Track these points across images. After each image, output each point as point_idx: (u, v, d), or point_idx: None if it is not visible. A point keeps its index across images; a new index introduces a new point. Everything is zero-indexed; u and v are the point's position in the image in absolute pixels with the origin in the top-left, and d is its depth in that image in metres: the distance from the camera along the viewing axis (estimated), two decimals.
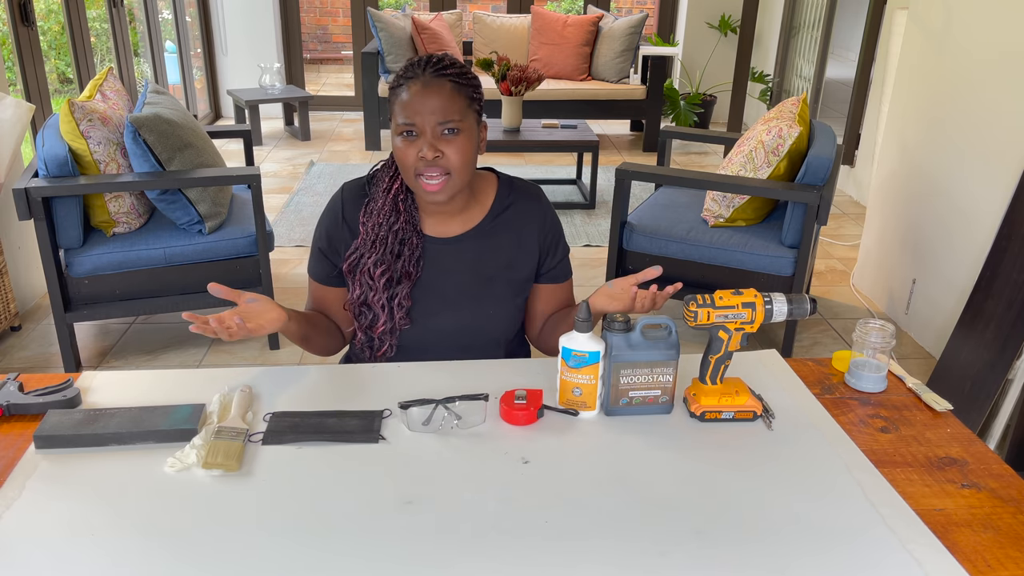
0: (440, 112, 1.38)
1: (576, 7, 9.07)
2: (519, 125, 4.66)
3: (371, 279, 1.49)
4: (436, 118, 1.38)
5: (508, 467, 1.18)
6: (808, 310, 1.29)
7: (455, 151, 1.40)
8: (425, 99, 1.38)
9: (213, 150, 3.01)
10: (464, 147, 1.41)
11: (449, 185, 1.42)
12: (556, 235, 1.61)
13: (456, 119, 1.40)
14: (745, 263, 2.89)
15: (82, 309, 2.75)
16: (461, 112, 1.41)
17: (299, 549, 1.01)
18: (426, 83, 1.39)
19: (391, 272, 1.48)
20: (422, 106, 1.38)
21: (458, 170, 1.42)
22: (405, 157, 1.41)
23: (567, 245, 1.64)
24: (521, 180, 1.61)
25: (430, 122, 1.38)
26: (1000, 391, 2.35)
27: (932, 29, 3.14)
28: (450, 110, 1.39)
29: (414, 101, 1.39)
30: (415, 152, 1.40)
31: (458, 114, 1.40)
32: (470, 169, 1.45)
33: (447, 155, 1.40)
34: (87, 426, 1.20)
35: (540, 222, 1.58)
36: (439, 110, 1.38)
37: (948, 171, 2.99)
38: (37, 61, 3.59)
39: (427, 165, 1.39)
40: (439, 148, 1.39)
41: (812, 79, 5.61)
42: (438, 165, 1.40)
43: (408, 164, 1.41)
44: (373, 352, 1.55)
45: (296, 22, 6.70)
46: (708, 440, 1.26)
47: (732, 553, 1.02)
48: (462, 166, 1.42)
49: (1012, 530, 1.08)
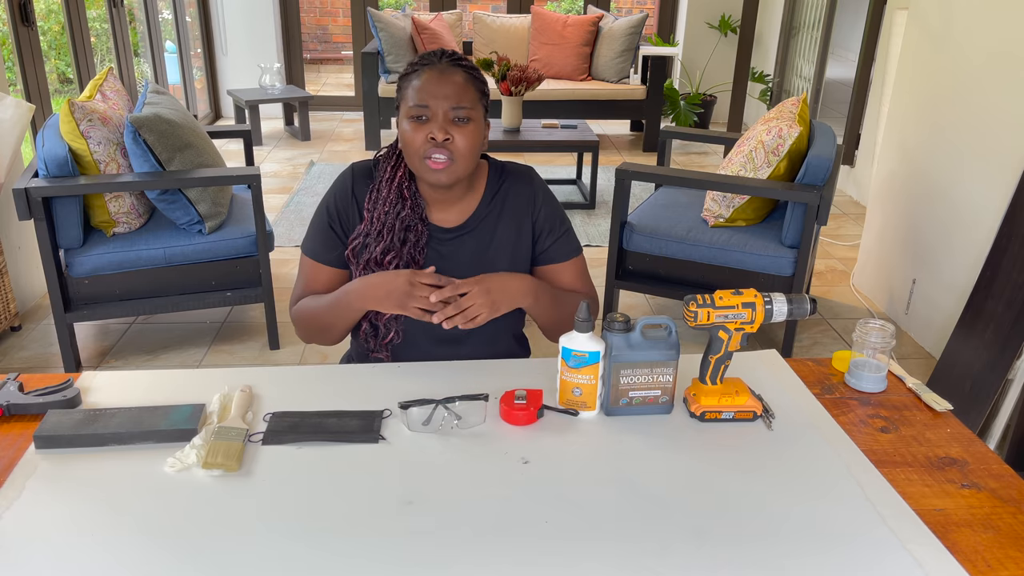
0: (454, 98, 1.42)
1: (576, 7, 9.07)
2: (519, 125, 4.66)
3: (379, 266, 1.49)
4: (450, 103, 1.42)
5: (508, 467, 1.18)
6: (808, 310, 1.29)
7: (464, 138, 1.43)
8: (440, 84, 1.42)
9: (213, 150, 3.01)
10: (473, 136, 1.44)
11: (452, 169, 1.44)
12: (550, 214, 1.59)
13: (468, 107, 1.43)
14: (745, 263, 2.89)
15: (82, 309, 2.75)
16: (472, 102, 1.44)
17: (299, 549, 1.01)
18: (442, 70, 1.43)
19: (399, 259, 1.49)
20: (437, 90, 1.42)
21: (464, 156, 1.43)
22: (413, 140, 1.43)
23: (567, 224, 1.61)
24: (513, 163, 1.61)
25: (443, 106, 1.41)
26: (1000, 391, 2.35)
27: (932, 29, 3.14)
28: (463, 98, 1.43)
29: (429, 85, 1.42)
30: (424, 134, 1.42)
31: (470, 103, 1.43)
32: (474, 159, 1.47)
33: (456, 140, 1.42)
34: (87, 426, 1.20)
35: (532, 200, 1.58)
36: (453, 96, 1.42)
37: (948, 171, 2.99)
38: (37, 61, 3.59)
39: (435, 147, 1.41)
40: (449, 132, 1.42)
41: (812, 79, 5.62)
42: (447, 148, 1.42)
43: (416, 147, 1.43)
44: (378, 341, 1.54)
45: (296, 22, 6.70)
46: (708, 440, 1.26)
47: (732, 553, 1.02)
48: (468, 154, 1.44)
49: (1012, 530, 1.08)
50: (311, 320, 1.56)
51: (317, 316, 1.54)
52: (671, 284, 3.02)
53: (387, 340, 1.53)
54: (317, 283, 1.58)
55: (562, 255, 1.60)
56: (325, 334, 1.57)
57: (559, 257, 1.60)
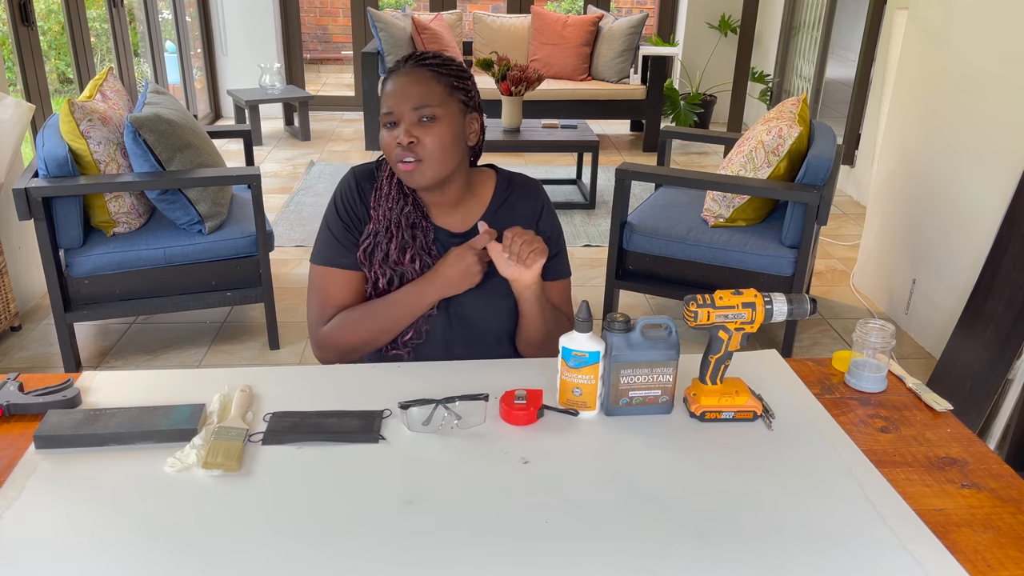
0: (415, 98, 1.41)
1: (576, 7, 9.07)
2: (519, 125, 4.66)
3: (397, 264, 1.49)
4: (411, 104, 1.41)
5: (508, 467, 1.18)
6: (808, 310, 1.29)
7: (431, 138, 1.41)
8: (403, 88, 1.42)
9: (213, 150, 3.01)
10: (441, 134, 1.42)
11: (421, 170, 1.43)
12: (553, 233, 1.60)
13: (433, 105, 1.42)
14: (745, 263, 2.89)
15: (82, 309, 2.75)
16: (440, 99, 1.43)
17: (299, 549, 1.01)
18: (406, 73, 1.44)
19: (414, 252, 1.50)
20: (399, 93, 1.42)
21: (432, 156, 1.42)
22: (387, 146, 1.44)
23: (563, 245, 1.62)
24: (521, 175, 1.61)
25: (406, 109, 1.41)
26: (1000, 391, 2.35)
27: (932, 29, 3.14)
28: (426, 96, 1.42)
29: (394, 90, 1.43)
30: (394, 139, 1.43)
31: (435, 100, 1.42)
32: (448, 157, 1.44)
33: (422, 141, 1.41)
34: (87, 426, 1.20)
35: (536, 217, 1.58)
36: (415, 96, 1.41)
37: (948, 171, 2.99)
38: (37, 61, 3.60)
39: (403, 150, 1.42)
40: (414, 134, 1.41)
41: (812, 79, 5.62)
42: (411, 151, 1.41)
43: (389, 152, 1.44)
44: (398, 339, 1.53)
45: (296, 22, 6.70)
46: (708, 440, 1.26)
47: (732, 553, 1.02)
48: (438, 153, 1.42)
49: (1012, 530, 1.08)
50: (363, 327, 1.50)
51: (373, 321, 1.49)
52: (671, 284, 3.02)
53: (408, 338, 1.53)
54: (336, 292, 1.53)
55: (554, 274, 1.60)
56: (378, 339, 1.52)
57: (551, 275, 1.59)
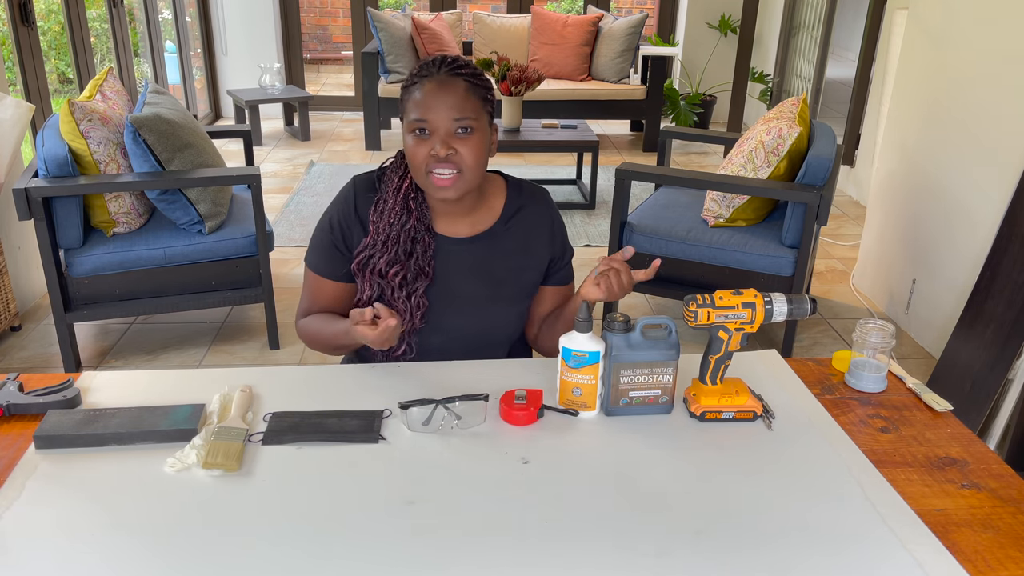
0: (456, 109, 1.38)
1: (576, 7, 9.07)
2: (519, 125, 4.66)
3: (383, 279, 1.47)
4: (451, 115, 1.38)
5: (508, 467, 1.18)
6: (808, 310, 1.29)
7: (468, 150, 1.39)
8: (440, 97, 1.38)
9: (213, 150, 3.01)
10: (477, 147, 1.40)
11: (459, 182, 1.41)
12: (563, 239, 1.62)
13: (471, 117, 1.39)
14: (745, 263, 2.89)
15: (82, 309, 2.75)
16: (475, 111, 1.40)
17: (299, 549, 1.01)
18: (441, 81, 1.39)
19: (405, 271, 1.47)
20: (437, 104, 1.38)
21: (470, 168, 1.41)
22: (416, 155, 1.40)
23: (572, 248, 1.65)
24: (529, 183, 1.61)
25: (444, 120, 1.38)
26: (1000, 391, 2.35)
27: (932, 29, 3.14)
28: (465, 108, 1.39)
29: (428, 99, 1.38)
30: (427, 150, 1.39)
31: (472, 113, 1.39)
32: (481, 169, 1.44)
33: (460, 153, 1.39)
34: (87, 426, 1.20)
35: (550, 227, 1.58)
36: (454, 107, 1.38)
37: (948, 171, 2.99)
38: (37, 61, 3.59)
39: (439, 162, 1.38)
40: (452, 146, 1.38)
41: (812, 79, 5.61)
42: (451, 162, 1.39)
43: (419, 161, 1.40)
44: (390, 353, 1.52)
45: (296, 22, 6.70)
46: (708, 440, 1.26)
47: (732, 553, 1.02)
48: (474, 165, 1.41)
49: (1012, 530, 1.08)
50: (316, 340, 1.55)
51: (323, 339, 1.53)
52: (671, 284, 3.01)
53: (400, 352, 1.52)
54: (323, 297, 1.56)
55: (567, 278, 1.64)
56: (333, 353, 1.57)
57: (566, 280, 1.63)
